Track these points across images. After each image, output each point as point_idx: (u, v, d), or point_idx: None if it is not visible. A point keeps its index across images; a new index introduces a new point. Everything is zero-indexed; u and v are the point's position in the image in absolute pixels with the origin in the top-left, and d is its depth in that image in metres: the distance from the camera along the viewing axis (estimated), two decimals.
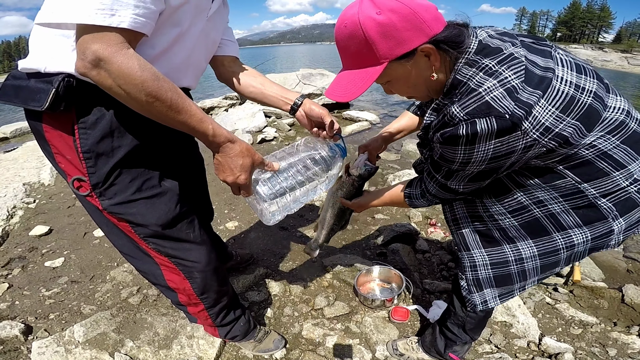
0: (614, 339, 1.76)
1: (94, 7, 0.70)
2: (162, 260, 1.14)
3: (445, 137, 0.84)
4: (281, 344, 1.58)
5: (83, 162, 0.91)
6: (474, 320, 1.34)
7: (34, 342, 1.61)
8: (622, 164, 0.88)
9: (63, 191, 3.30)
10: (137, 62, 0.76)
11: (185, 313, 1.47)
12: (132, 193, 0.98)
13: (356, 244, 2.41)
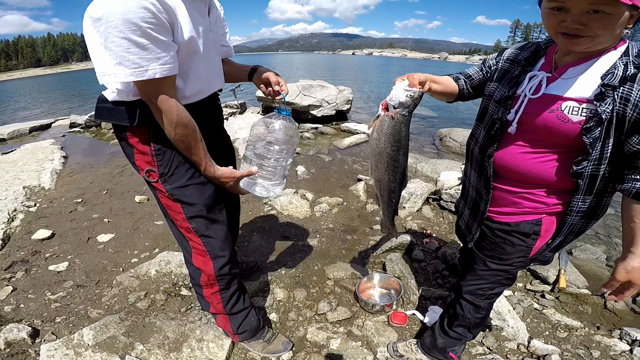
0: (597, 342, 1.88)
1: (129, 67, 0.98)
2: (194, 243, 1.39)
3: None
4: (289, 346, 1.66)
5: (155, 158, 1.23)
6: (478, 321, 1.47)
7: (43, 345, 1.64)
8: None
9: (64, 195, 3.33)
10: (177, 112, 1.09)
11: (200, 299, 1.60)
12: (187, 180, 1.28)
13: (355, 253, 2.51)
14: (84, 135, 5.89)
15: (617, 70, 0.95)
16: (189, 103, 1.19)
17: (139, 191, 3.43)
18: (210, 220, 1.37)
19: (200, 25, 1.14)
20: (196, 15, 1.12)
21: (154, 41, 0.98)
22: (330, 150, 5.09)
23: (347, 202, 3.26)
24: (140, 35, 0.95)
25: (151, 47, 0.97)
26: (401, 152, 1.22)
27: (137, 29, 0.94)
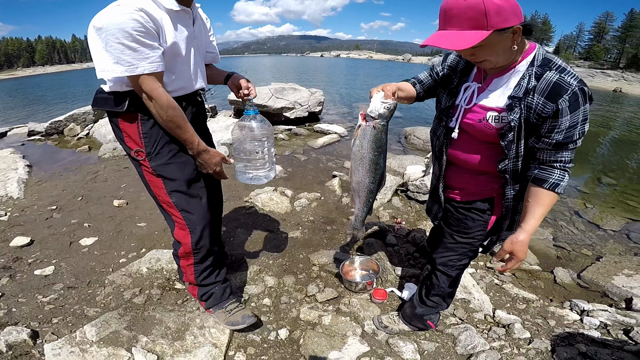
0: (552, 312, 2.14)
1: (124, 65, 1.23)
2: (176, 218, 1.60)
3: (571, 100, 1.09)
4: (250, 320, 1.77)
5: (142, 140, 1.45)
6: (450, 291, 1.72)
7: (46, 344, 1.65)
8: None
9: (36, 204, 3.26)
10: (166, 97, 1.33)
11: (178, 267, 1.82)
12: (169, 158, 1.50)
13: (336, 242, 2.72)
14: (46, 144, 5.64)
15: (524, 81, 1.16)
16: (174, 97, 1.42)
17: (116, 196, 3.43)
18: (189, 195, 1.58)
19: (183, 33, 1.40)
20: (179, 25, 1.39)
21: (143, 45, 1.24)
22: (305, 150, 5.29)
23: (324, 197, 3.48)
24: (132, 41, 1.21)
25: (140, 49, 1.24)
26: (382, 157, 1.40)
27: (129, 35, 1.20)
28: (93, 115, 6.38)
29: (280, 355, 1.72)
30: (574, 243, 3.24)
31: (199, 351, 1.66)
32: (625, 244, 3.28)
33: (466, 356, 1.75)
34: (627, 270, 2.70)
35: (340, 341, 1.77)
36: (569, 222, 3.68)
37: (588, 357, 1.73)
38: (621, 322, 2.05)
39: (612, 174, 5.54)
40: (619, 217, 3.83)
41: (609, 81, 39.34)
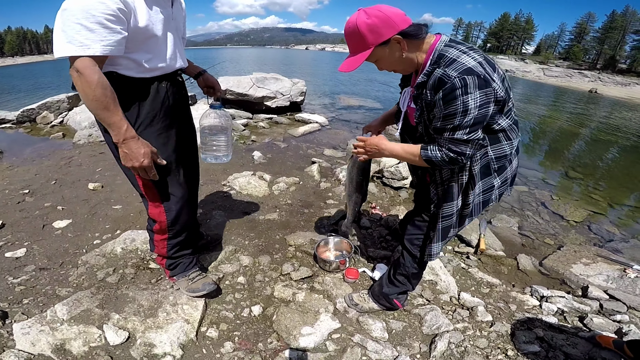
0: (514, 297, 2.24)
1: (76, 45, 1.20)
2: (152, 196, 1.62)
3: (447, 90, 1.17)
4: (210, 288, 1.83)
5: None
6: (415, 272, 1.79)
7: (15, 324, 1.64)
8: (510, 138, 1.37)
9: (7, 188, 3.18)
10: (98, 76, 1.25)
11: (150, 240, 1.87)
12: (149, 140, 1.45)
13: (313, 224, 2.79)
14: (18, 131, 5.45)
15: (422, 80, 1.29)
16: (155, 76, 1.47)
17: (91, 179, 3.39)
18: (166, 176, 1.60)
19: (159, 14, 1.40)
20: (154, 7, 1.38)
21: (103, 27, 1.22)
22: (285, 138, 5.34)
23: (303, 182, 3.54)
24: (92, 22, 1.19)
25: (99, 31, 1.21)
26: (365, 180, 1.91)
27: (90, 17, 1.19)
28: (68, 104, 6.22)
29: (252, 331, 1.77)
30: (538, 232, 3.40)
31: (170, 327, 1.69)
32: (586, 235, 3.46)
33: (431, 336, 1.83)
34: (585, 260, 2.82)
35: (312, 317, 1.83)
36: (535, 212, 3.85)
37: (545, 341, 1.83)
38: (577, 309, 2.17)
39: (580, 169, 5.81)
40: (582, 209, 4.03)
41: (585, 82, 40.60)
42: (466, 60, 1.19)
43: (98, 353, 1.56)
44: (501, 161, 1.42)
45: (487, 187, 1.47)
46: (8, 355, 1.50)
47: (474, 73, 1.16)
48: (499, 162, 1.42)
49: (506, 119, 1.33)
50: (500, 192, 1.52)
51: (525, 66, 54.33)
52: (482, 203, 1.51)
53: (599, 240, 3.38)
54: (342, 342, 1.73)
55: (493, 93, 1.19)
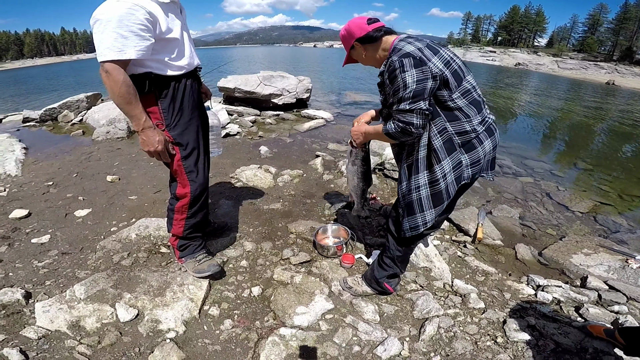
0: (509, 286, 2.25)
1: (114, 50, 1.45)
2: (181, 179, 1.85)
3: (390, 72, 1.46)
4: (214, 269, 2.00)
5: (162, 114, 1.71)
6: (400, 254, 1.88)
7: (37, 303, 1.80)
8: (469, 116, 1.52)
9: (33, 180, 3.43)
10: (123, 76, 1.49)
11: (169, 221, 2.02)
12: (182, 130, 1.77)
13: (314, 213, 2.93)
14: (41, 129, 5.77)
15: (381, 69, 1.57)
16: (182, 73, 1.72)
17: (109, 172, 3.62)
18: (196, 160, 1.84)
19: (176, 21, 1.67)
20: (172, 15, 1.65)
21: (133, 35, 1.46)
22: (291, 134, 5.49)
23: (306, 174, 3.68)
24: (126, 31, 1.44)
25: (131, 38, 1.46)
26: (368, 168, 2.04)
27: (124, 26, 1.43)
28: (86, 103, 6.51)
29: (251, 310, 1.91)
30: (540, 223, 3.39)
31: (176, 305, 1.84)
32: (591, 226, 3.42)
33: (422, 320, 1.89)
34: (587, 250, 2.78)
35: (308, 298, 1.95)
36: (539, 203, 3.84)
37: (536, 330, 1.84)
38: (573, 299, 2.16)
39: (590, 160, 5.72)
40: (589, 200, 3.98)
41: (602, 73, 39.28)
42: (407, 47, 1.47)
43: (109, 329, 1.70)
44: (464, 137, 1.55)
45: (455, 163, 1.57)
46: (28, 331, 1.66)
47: (410, 56, 1.43)
48: (461, 138, 1.55)
49: (463, 98, 1.52)
50: (473, 171, 1.61)
51: (538, 59, 53.04)
52: (455, 180, 1.60)
53: (604, 232, 3.33)
54: (335, 323, 1.83)
55: (429, 70, 1.42)
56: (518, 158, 5.44)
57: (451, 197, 1.65)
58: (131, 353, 1.60)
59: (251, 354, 1.64)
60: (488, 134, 1.61)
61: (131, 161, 4.05)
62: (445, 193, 1.61)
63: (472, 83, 1.56)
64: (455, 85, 1.49)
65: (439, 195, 1.61)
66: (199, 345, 1.68)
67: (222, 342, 1.70)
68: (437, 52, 1.48)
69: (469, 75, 1.57)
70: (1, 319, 1.75)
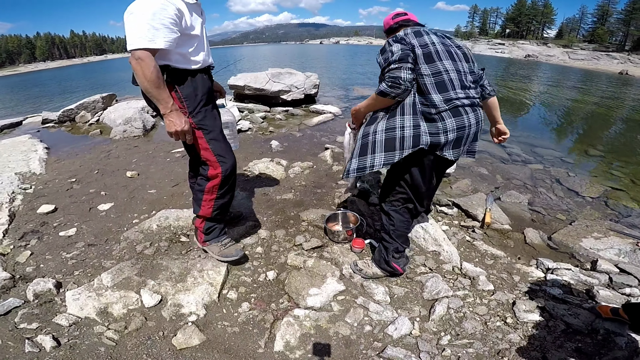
0: (518, 269, 2.29)
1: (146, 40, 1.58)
2: (211, 161, 1.94)
3: (382, 50, 1.78)
4: (240, 253, 2.11)
5: (184, 102, 1.82)
6: (392, 228, 1.98)
7: (67, 292, 1.91)
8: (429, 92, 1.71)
9: (57, 178, 3.60)
10: (154, 63, 1.62)
11: (197, 203, 2.10)
12: (204, 115, 1.89)
13: (325, 202, 3.02)
14: (59, 130, 6.01)
15: None
16: (199, 67, 1.85)
17: (128, 168, 3.78)
18: (221, 142, 1.97)
19: (198, 19, 1.82)
20: (195, 15, 1.80)
21: (164, 27, 1.61)
22: (300, 129, 5.60)
23: (316, 165, 3.78)
24: (158, 23, 1.58)
25: (162, 30, 1.60)
26: None
27: (157, 19, 1.58)
28: (102, 103, 6.72)
29: (267, 292, 2.01)
30: (549, 208, 3.41)
31: (197, 289, 1.94)
32: (602, 211, 3.41)
33: (431, 301, 1.94)
34: (597, 234, 2.79)
35: (320, 280, 2.05)
36: (549, 189, 3.85)
37: (546, 311, 1.86)
38: (584, 281, 2.18)
39: (602, 148, 5.66)
40: (599, 185, 3.97)
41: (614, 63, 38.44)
42: (398, 33, 1.83)
43: (134, 314, 1.79)
44: (424, 107, 1.73)
45: (415, 123, 1.73)
46: (60, 319, 1.75)
47: (395, 37, 1.79)
48: (423, 107, 1.73)
49: (431, 77, 1.72)
50: (432, 140, 1.73)
51: (548, 50, 52.32)
52: (413, 138, 1.72)
53: (615, 216, 3.31)
54: (346, 304, 1.92)
55: (408, 45, 1.73)
56: (527, 146, 5.42)
57: (406, 150, 1.74)
58: (156, 337, 1.69)
59: (267, 334, 1.73)
60: (453, 114, 1.72)
61: (149, 157, 4.20)
62: (399, 142, 1.74)
63: (446, 67, 1.74)
64: (422, 61, 1.71)
65: (391, 142, 1.75)
66: (219, 328, 1.77)
67: (240, 324, 1.80)
68: (421, 36, 1.79)
69: (448, 61, 1.76)
70: (35, 307, 1.86)
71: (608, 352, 1.63)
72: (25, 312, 1.83)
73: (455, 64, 1.78)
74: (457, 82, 1.74)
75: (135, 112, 5.54)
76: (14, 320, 1.78)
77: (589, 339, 1.71)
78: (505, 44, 62.29)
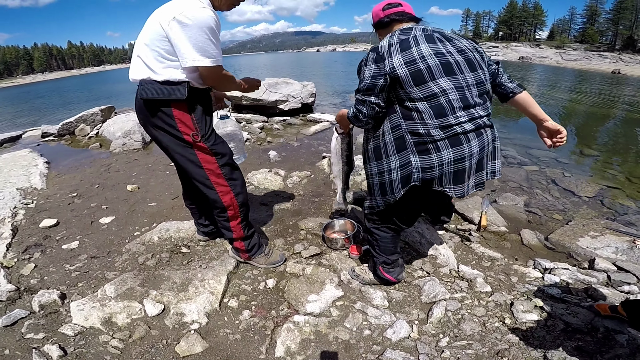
0: (515, 270, 2.31)
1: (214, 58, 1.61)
2: (222, 187, 1.92)
3: (360, 63, 1.61)
4: (284, 256, 2.27)
5: (196, 125, 1.76)
6: (376, 243, 1.96)
7: (72, 303, 1.94)
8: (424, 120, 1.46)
9: (58, 192, 3.65)
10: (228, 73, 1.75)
11: (226, 231, 2.11)
12: (216, 138, 1.87)
13: (323, 210, 3.07)
14: (59, 144, 6.04)
15: None
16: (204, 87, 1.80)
17: (129, 182, 3.82)
18: (232, 167, 1.95)
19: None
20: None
21: (218, 41, 1.61)
22: (298, 138, 5.66)
23: (314, 175, 3.83)
24: (214, 37, 1.57)
25: (218, 45, 1.60)
26: (351, 152, 2.15)
27: (212, 32, 1.55)
28: (101, 116, 6.78)
29: (267, 300, 2.04)
30: (546, 208, 3.44)
31: (198, 298, 1.97)
32: (598, 209, 3.45)
33: (429, 304, 1.96)
34: (593, 232, 2.82)
35: (319, 287, 2.08)
36: (545, 190, 3.89)
37: (545, 311, 1.88)
38: (582, 280, 2.19)
39: (598, 147, 5.72)
40: (595, 184, 4.01)
41: (606, 63, 38.99)
42: (384, 41, 1.56)
43: (138, 323, 1.82)
44: (417, 138, 1.49)
45: (404, 162, 1.54)
46: (65, 329, 1.79)
47: (376, 50, 1.53)
48: (414, 138, 1.50)
49: (424, 100, 1.46)
50: (424, 176, 1.52)
51: (541, 52, 52.99)
52: (402, 179, 1.56)
53: (612, 214, 3.35)
54: (345, 309, 1.94)
55: (384, 68, 1.48)
56: (522, 148, 5.47)
57: (397, 193, 1.61)
58: (159, 345, 1.72)
59: (268, 340, 1.76)
60: (451, 143, 1.46)
61: (148, 171, 4.25)
62: (389, 187, 1.64)
63: (443, 87, 1.45)
64: (410, 85, 1.45)
65: (383, 187, 1.68)
66: (221, 335, 1.80)
67: (241, 331, 1.83)
68: (408, 49, 1.48)
69: (445, 78, 1.45)
70: (40, 318, 1.89)
71: (609, 349, 1.64)
72: (32, 323, 1.86)
73: (455, 79, 1.46)
74: (458, 103, 1.45)
75: (134, 125, 5.58)
76: (21, 330, 1.82)
77: (589, 337, 1.71)
78: (499, 47, 62.94)
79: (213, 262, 2.29)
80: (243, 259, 2.24)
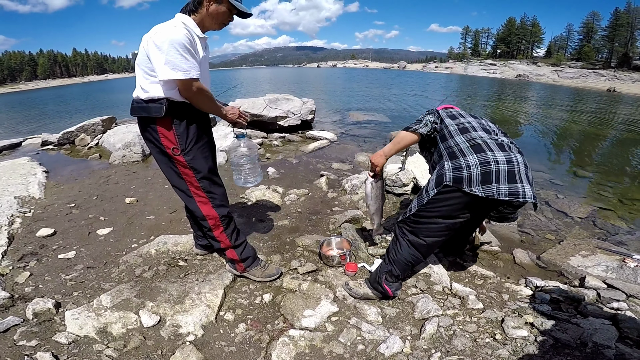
0: (507, 288, 2.34)
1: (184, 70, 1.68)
2: (200, 198, 2.02)
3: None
4: (280, 270, 2.30)
5: (177, 139, 1.86)
6: (394, 252, 2.12)
7: (67, 312, 1.94)
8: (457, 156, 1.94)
9: (56, 202, 3.66)
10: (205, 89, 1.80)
11: (213, 241, 2.19)
12: (196, 154, 1.93)
13: (320, 227, 3.10)
14: (59, 153, 6.08)
15: None
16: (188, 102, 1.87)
17: (127, 194, 3.84)
18: (211, 181, 2.03)
19: (201, 53, 1.84)
20: (200, 47, 1.83)
21: (191, 56, 1.70)
22: (297, 155, 5.72)
23: (312, 192, 3.88)
24: (185, 52, 1.67)
25: (190, 59, 1.69)
26: (383, 189, 2.45)
27: (183, 48, 1.65)
28: (102, 126, 6.82)
29: (263, 314, 2.06)
30: (538, 229, 3.49)
31: (195, 311, 1.99)
32: (590, 230, 3.50)
33: (422, 320, 1.99)
34: (584, 252, 2.86)
35: (314, 302, 2.10)
36: (538, 211, 3.93)
37: (535, 327, 1.90)
38: (572, 297, 2.21)
39: (591, 168, 5.82)
40: (588, 205, 4.07)
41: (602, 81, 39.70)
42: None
43: (133, 334, 1.83)
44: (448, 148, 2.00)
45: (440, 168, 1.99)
46: (59, 337, 1.78)
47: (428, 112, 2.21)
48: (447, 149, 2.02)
49: (460, 143, 1.97)
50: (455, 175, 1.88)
51: (538, 69, 54.03)
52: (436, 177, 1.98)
53: (603, 234, 3.39)
54: (340, 324, 1.97)
55: (432, 117, 2.13)
56: None
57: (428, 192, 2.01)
58: (154, 355, 1.73)
59: (263, 353, 1.78)
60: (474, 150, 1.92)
61: (147, 184, 4.28)
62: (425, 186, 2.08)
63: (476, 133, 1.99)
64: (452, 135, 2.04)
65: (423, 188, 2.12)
66: (216, 347, 1.81)
67: (237, 344, 1.84)
68: (457, 114, 2.16)
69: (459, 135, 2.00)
70: (34, 326, 1.89)
71: None
72: (25, 330, 1.86)
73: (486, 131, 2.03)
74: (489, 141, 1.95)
75: (135, 137, 5.64)
76: (13, 337, 1.81)
77: (577, 352, 1.74)
78: (497, 65, 64.09)
79: (210, 275, 2.31)
80: (239, 270, 2.26)
